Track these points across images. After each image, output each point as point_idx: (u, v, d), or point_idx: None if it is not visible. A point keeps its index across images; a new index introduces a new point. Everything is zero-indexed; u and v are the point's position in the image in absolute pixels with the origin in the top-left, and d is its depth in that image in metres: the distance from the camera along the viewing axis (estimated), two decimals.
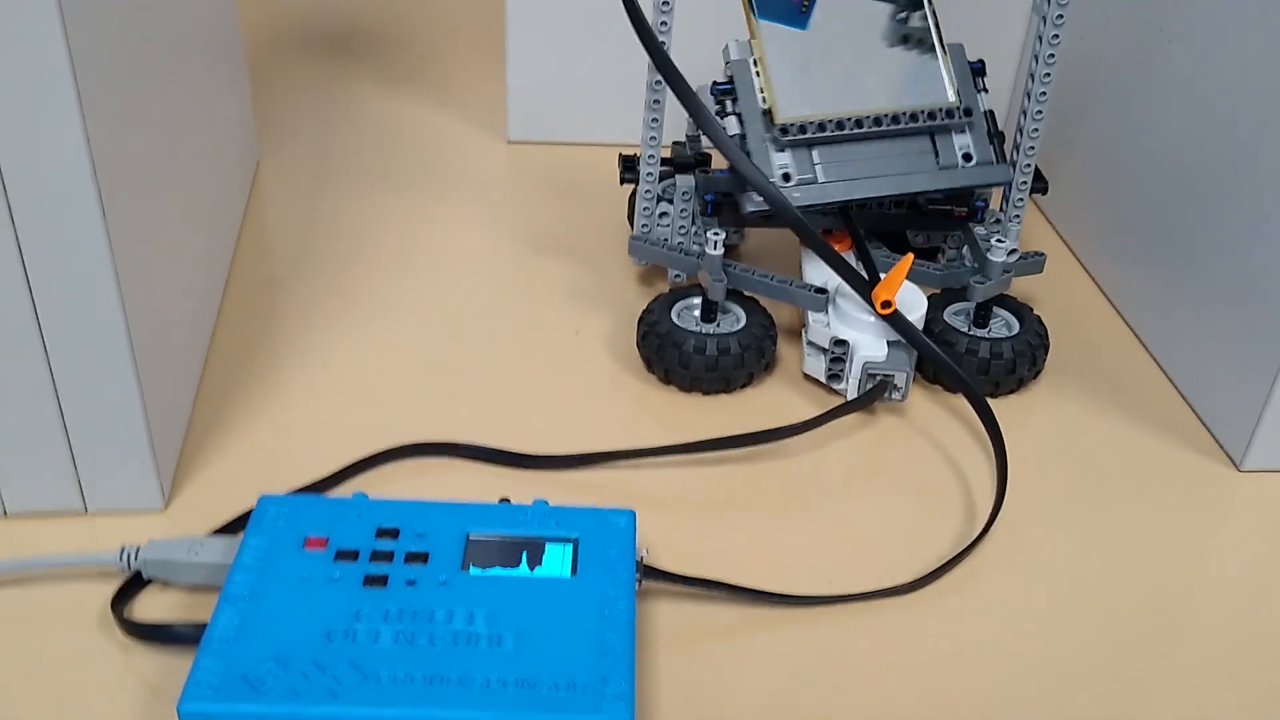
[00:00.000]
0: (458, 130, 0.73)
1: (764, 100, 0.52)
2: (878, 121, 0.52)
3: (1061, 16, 0.52)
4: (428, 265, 0.61)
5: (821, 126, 0.51)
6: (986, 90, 0.54)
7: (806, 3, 0.53)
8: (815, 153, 0.52)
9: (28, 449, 0.42)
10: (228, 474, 0.47)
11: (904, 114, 0.52)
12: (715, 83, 0.52)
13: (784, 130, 0.51)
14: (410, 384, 0.53)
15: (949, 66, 0.53)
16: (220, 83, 0.58)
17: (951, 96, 0.52)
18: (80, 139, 0.37)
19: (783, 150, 0.52)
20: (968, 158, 0.53)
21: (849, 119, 0.52)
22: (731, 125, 0.52)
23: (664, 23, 0.52)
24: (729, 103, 0.52)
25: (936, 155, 0.53)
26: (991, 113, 0.54)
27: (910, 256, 0.50)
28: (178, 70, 0.50)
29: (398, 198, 0.66)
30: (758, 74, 0.52)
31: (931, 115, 0.52)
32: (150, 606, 0.41)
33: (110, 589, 0.42)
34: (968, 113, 0.53)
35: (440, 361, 0.54)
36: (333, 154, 0.70)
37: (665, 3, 0.52)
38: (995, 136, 0.54)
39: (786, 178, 0.51)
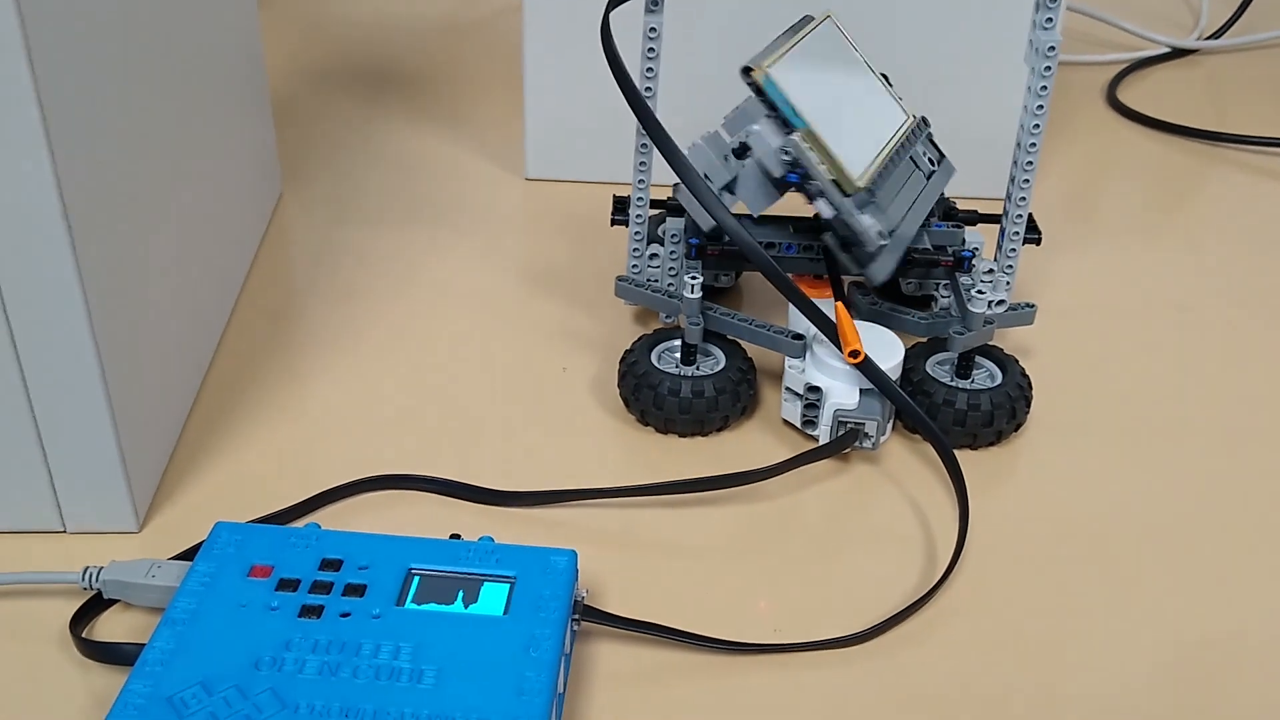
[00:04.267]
0: (478, 167, 0.75)
1: (829, 172, 0.51)
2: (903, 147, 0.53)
3: (1050, 68, 0.51)
4: (430, 300, 0.62)
5: (882, 172, 0.52)
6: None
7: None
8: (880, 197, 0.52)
9: (8, 471, 0.44)
10: (208, 498, 0.49)
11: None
12: (788, 175, 0.52)
13: (870, 191, 0.51)
14: (396, 416, 0.54)
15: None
16: (240, 114, 0.61)
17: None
18: (46, 167, 0.39)
19: (864, 209, 0.51)
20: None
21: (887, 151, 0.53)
22: (823, 208, 0.51)
23: (650, 69, 0.53)
24: (810, 185, 0.51)
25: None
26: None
27: (840, 305, 0.50)
28: (186, 100, 0.52)
29: (411, 232, 0.68)
30: (810, 149, 0.51)
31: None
32: (113, 626, 0.43)
33: (75, 607, 0.43)
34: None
35: (428, 395, 0.55)
36: (354, 188, 0.72)
37: (651, 50, 0.53)
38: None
39: (884, 235, 0.51)
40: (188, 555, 0.45)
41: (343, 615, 0.39)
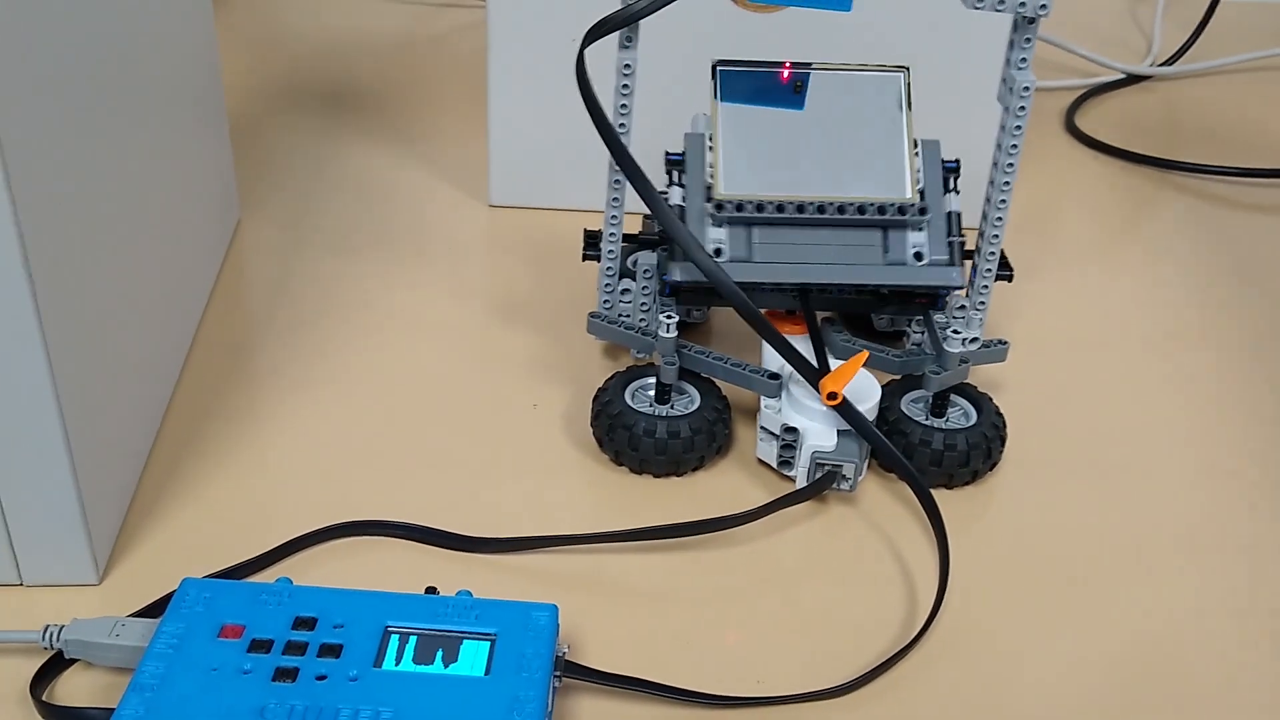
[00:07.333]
0: (442, 194, 0.73)
1: (710, 175, 0.53)
2: (821, 209, 0.52)
3: (1024, 108, 0.51)
4: (394, 332, 0.61)
5: (760, 207, 0.52)
6: (957, 190, 0.54)
7: (799, 85, 0.53)
8: (755, 232, 0.53)
9: None
10: (170, 547, 0.47)
11: (851, 204, 0.52)
12: (668, 152, 0.54)
13: (719, 206, 0.52)
14: (363, 458, 0.53)
15: (913, 163, 0.53)
16: (197, 140, 0.59)
17: (909, 193, 0.52)
18: (4, 202, 0.37)
19: (720, 226, 0.53)
20: (919, 256, 0.53)
21: (791, 202, 0.52)
22: (675, 195, 0.53)
23: (624, 105, 0.52)
24: (676, 173, 0.54)
25: (886, 249, 0.53)
26: (957, 214, 0.54)
27: (864, 355, 0.50)
28: (142, 125, 0.50)
29: (374, 261, 0.66)
30: (710, 148, 0.53)
31: (882, 209, 0.52)
32: (75, 686, 0.42)
33: (35, 666, 0.42)
34: (923, 211, 0.52)
35: (395, 434, 0.54)
36: (315, 215, 0.70)
37: (625, 86, 0.52)
38: (955, 238, 0.53)
39: (718, 253, 0.53)
40: (151, 610, 0.44)
41: (319, 678, 0.38)
